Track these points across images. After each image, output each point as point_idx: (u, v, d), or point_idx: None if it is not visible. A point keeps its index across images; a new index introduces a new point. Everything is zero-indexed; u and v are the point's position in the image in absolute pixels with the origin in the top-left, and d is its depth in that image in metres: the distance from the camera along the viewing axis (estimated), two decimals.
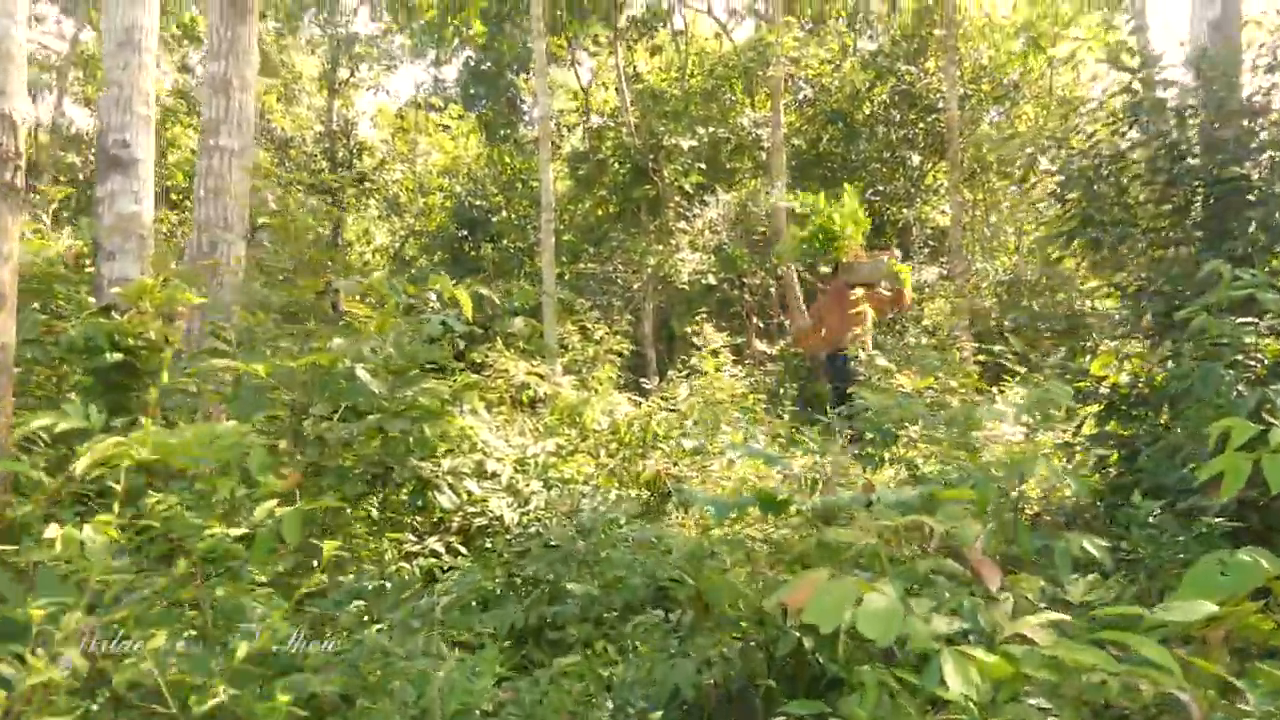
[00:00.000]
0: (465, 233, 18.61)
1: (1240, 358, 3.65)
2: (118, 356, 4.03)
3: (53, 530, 2.59)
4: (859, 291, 8.48)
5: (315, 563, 4.11)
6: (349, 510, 4.50)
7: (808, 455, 7.28)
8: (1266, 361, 3.75)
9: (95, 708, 2.26)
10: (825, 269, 12.37)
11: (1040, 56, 16.08)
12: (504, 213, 18.48)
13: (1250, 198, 4.50)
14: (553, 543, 4.44)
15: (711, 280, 14.67)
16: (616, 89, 17.12)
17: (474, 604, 4.04)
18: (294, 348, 3.66)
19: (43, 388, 4.00)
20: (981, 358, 10.84)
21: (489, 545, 4.74)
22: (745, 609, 3.11)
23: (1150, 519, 3.85)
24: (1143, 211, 4.77)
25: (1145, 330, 4.95)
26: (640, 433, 6.49)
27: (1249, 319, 3.70)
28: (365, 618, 3.68)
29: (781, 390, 12.24)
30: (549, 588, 4.12)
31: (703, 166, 15.40)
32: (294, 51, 21.20)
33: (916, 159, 17.03)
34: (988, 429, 5.99)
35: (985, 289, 14.24)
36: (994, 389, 8.58)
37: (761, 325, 16.67)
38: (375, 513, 4.77)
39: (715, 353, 7.43)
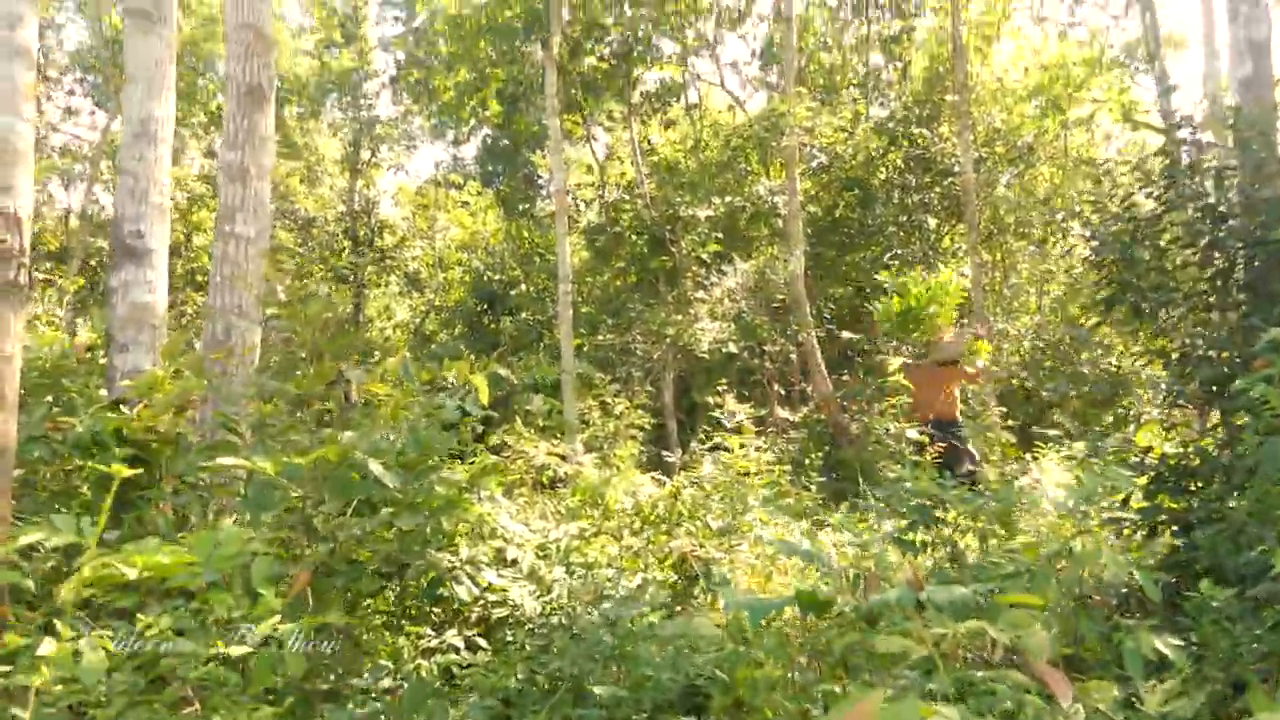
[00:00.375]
0: (484, 306, 18.68)
1: None
2: (126, 451, 3.92)
3: (46, 646, 2.43)
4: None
5: (327, 663, 3.91)
6: (366, 603, 4.31)
7: (840, 533, 7.04)
8: None
9: None
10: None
11: (1056, 118, 16.13)
12: (522, 286, 18.55)
13: None
14: (576, 632, 4.24)
15: (732, 348, 14.54)
16: (632, 162, 17.28)
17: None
18: (305, 440, 3.53)
19: (47, 487, 3.88)
20: (1011, 421, 10.60)
21: (510, 638, 4.54)
22: (786, 717, 2.88)
23: (1215, 603, 3.60)
24: (1183, 275, 4.60)
25: (1192, 398, 4.73)
26: (665, 513, 6.29)
27: None
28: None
29: (807, 460, 12.00)
30: (573, 683, 3.91)
31: (720, 236, 15.40)
32: (316, 135, 21.65)
33: (933, 222, 16.99)
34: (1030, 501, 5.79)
35: (1009, 350, 14.04)
36: (1028, 455, 8.33)
37: (783, 392, 16.47)
38: (391, 604, 4.59)
39: (739, 429, 7.24)
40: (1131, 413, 5.41)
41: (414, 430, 3.54)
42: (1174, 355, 4.69)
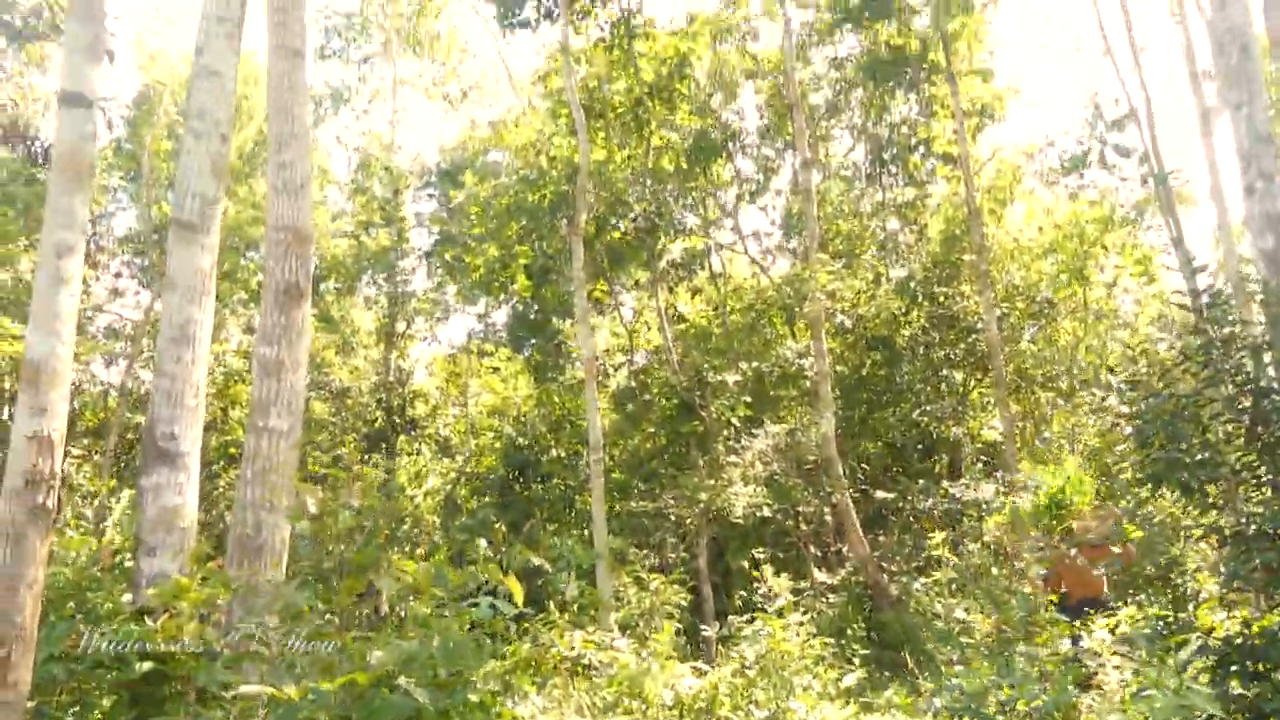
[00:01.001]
0: (516, 474, 18.61)
1: None
2: (147, 666, 3.81)
3: None
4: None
5: None
6: None
7: (889, 714, 6.65)
8: None
9: None
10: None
11: (1079, 285, 16.45)
12: (553, 451, 18.54)
13: None
14: None
15: (766, 512, 14.27)
16: (659, 328, 17.57)
17: None
18: (332, 655, 3.40)
19: (63, 705, 3.75)
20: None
21: None
22: None
23: None
24: (1228, 449, 4.48)
25: (1249, 577, 4.51)
26: (707, 704, 5.99)
27: None
28: None
29: (849, 630, 11.50)
30: None
31: (748, 399, 15.42)
32: (352, 309, 22.31)
33: (959, 377, 17.01)
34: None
35: None
36: (1077, 624, 8.00)
37: (819, 553, 16.05)
38: None
39: (781, 612, 6.99)
40: (1189, 590, 5.19)
41: (445, 642, 3.41)
42: (1228, 533, 4.51)
